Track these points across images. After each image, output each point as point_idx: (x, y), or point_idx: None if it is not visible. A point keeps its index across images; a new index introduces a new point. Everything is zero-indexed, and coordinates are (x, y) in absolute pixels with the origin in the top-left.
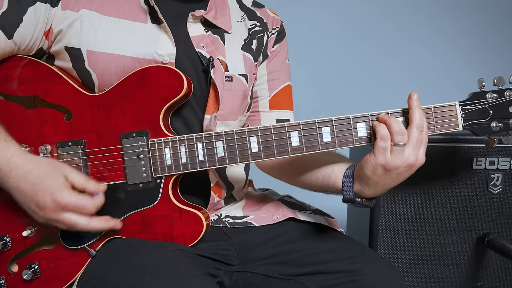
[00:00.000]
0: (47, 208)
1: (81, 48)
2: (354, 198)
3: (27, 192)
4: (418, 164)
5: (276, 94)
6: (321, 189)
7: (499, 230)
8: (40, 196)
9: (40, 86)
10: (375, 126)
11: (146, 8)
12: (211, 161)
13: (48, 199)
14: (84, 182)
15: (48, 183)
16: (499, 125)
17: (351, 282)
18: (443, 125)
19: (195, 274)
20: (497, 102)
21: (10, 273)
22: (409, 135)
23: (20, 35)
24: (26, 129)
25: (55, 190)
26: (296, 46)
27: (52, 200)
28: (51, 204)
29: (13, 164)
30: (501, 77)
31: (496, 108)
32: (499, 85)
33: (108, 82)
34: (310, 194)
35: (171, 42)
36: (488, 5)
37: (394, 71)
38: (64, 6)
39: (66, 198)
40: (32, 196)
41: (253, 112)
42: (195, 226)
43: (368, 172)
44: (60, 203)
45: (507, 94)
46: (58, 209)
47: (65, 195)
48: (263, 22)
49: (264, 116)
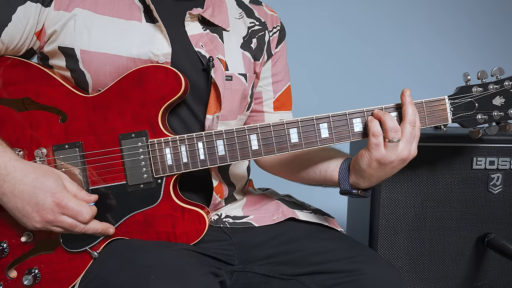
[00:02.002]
0: (47, 208)
1: (75, 48)
2: (351, 190)
3: (26, 194)
4: (410, 157)
5: (280, 96)
6: (319, 183)
7: (499, 230)
8: (40, 196)
9: (31, 88)
10: (368, 122)
11: (140, 6)
12: (212, 160)
13: (48, 199)
14: (76, 190)
15: (48, 184)
16: (484, 117)
17: (351, 282)
18: (433, 118)
19: (200, 273)
20: (482, 95)
21: (8, 279)
22: (402, 131)
23: (9, 34)
24: (19, 132)
25: (56, 190)
26: (296, 46)
27: (52, 200)
28: (51, 204)
29: (11, 167)
30: (484, 71)
31: (481, 101)
32: (482, 79)
33: (103, 82)
34: (310, 194)
35: (166, 42)
36: (487, 4)
37: (394, 70)
38: (58, 7)
39: (66, 198)
40: (31, 198)
41: (257, 112)
42: (198, 224)
43: (364, 166)
44: (60, 203)
45: (490, 87)
46: (57, 210)
47: (66, 195)
48: (261, 22)
49: (268, 116)
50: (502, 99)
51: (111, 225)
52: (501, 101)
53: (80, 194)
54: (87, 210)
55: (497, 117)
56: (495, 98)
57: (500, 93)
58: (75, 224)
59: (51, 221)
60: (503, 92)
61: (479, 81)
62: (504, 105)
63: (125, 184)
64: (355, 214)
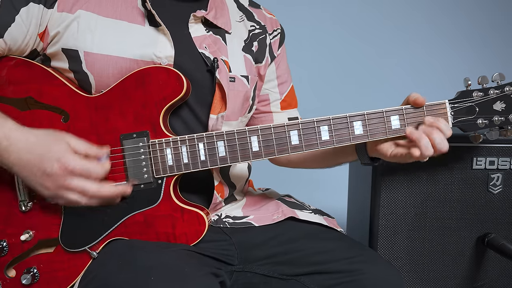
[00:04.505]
0: (55, 174)
1: (78, 50)
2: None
3: (32, 163)
4: None
5: (285, 96)
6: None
7: (499, 230)
8: (47, 163)
9: (34, 87)
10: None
11: (143, 11)
12: (212, 161)
13: (55, 165)
14: (86, 147)
15: (52, 150)
16: (485, 121)
17: (351, 282)
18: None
19: (200, 274)
20: (483, 100)
21: (7, 278)
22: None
23: (12, 35)
24: None
25: (61, 155)
26: (296, 47)
27: (59, 165)
28: (58, 169)
29: (13, 138)
30: (485, 76)
31: (481, 105)
32: (483, 84)
33: (106, 84)
34: (310, 194)
35: (169, 44)
36: (487, 4)
37: (394, 70)
38: (61, 8)
39: (72, 161)
40: (39, 166)
41: (265, 113)
42: (198, 225)
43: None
44: (67, 167)
45: (491, 93)
46: (66, 173)
47: (71, 158)
48: (261, 25)
49: (276, 116)
50: (502, 104)
51: (127, 187)
52: (501, 106)
53: (91, 150)
54: (95, 167)
55: (498, 122)
56: (495, 103)
57: (501, 98)
58: (87, 186)
59: (62, 186)
60: (504, 97)
61: (479, 86)
62: (505, 110)
63: (125, 184)
64: (355, 214)
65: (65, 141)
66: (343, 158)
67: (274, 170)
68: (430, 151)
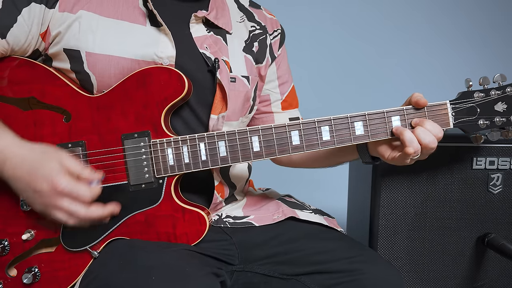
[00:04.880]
0: (44, 193)
1: (80, 50)
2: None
3: (24, 180)
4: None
5: (286, 96)
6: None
7: (499, 230)
8: (37, 182)
9: (36, 88)
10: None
11: (144, 11)
12: (213, 161)
13: (44, 184)
14: (79, 169)
15: (43, 169)
16: (486, 122)
17: (351, 281)
18: (435, 123)
19: (201, 274)
20: (484, 100)
21: (8, 278)
22: None
23: (14, 35)
24: (23, 130)
25: (53, 175)
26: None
27: (48, 184)
28: (47, 188)
29: (8, 153)
30: (486, 77)
31: (483, 106)
32: (484, 85)
33: (107, 84)
34: (310, 194)
35: (171, 45)
36: (487, 4)
37: (394, 70)
38: (62, 8)
39: (63, 182)
40: (29, 183)
41: (266, 114)
42: (198, 225)
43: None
44: (56, 188)
45: (492, 93)
46: (54, 194)
47: (62, 178)
48: (262, 25)
49: (277, 116)
50: (504, 105)
51: (115, 206)
52: (503, 107)
53: (84, 173)
54: (84, 191)
55: (499, 123)
56: (497, 104)
57: (502, 99)
58: (75, 208)
59: (50, 205)
60: (505, 98)
61: (481, 87)
62: (506, 111)
63: (126, 183)
64: (355, 214)
65: (58, 159)
66: (345, 157)
67: (275, 170)
68: (415, 144)
